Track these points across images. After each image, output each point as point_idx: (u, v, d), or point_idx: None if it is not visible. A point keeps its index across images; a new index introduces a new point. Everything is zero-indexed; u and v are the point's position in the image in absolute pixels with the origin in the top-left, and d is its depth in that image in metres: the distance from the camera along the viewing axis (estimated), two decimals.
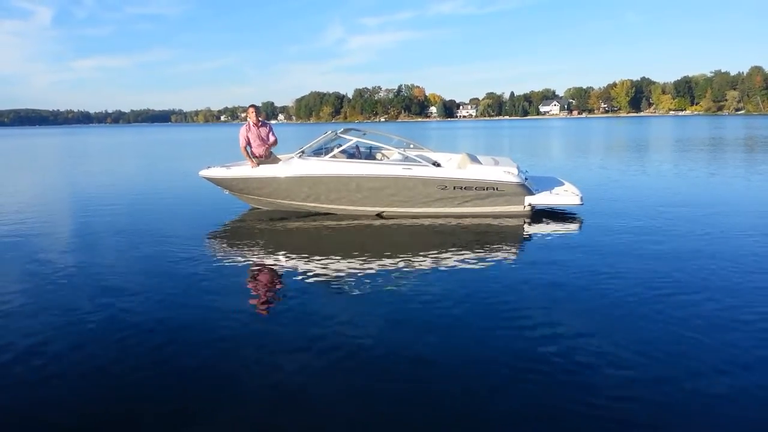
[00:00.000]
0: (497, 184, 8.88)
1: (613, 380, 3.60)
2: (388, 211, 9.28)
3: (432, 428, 3.14)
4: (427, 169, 9.01)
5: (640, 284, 5.49)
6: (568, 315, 4.75)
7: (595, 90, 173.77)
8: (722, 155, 21.79)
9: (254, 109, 9.78)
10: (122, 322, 4.73)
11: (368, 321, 4.69)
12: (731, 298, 5.11)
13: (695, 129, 50.86)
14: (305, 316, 4.80)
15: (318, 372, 3.78)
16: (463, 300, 5.16)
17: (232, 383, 3.65)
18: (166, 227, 8.90)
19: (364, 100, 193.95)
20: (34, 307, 5.17)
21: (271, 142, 9.79)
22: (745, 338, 4.23)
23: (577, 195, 9.16)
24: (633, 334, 4.31)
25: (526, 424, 3.17)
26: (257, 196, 9.70)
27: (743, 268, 6.06)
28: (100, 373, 3.82)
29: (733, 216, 9.03)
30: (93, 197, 12.89)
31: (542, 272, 6.00)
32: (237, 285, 5.86)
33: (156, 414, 3.30)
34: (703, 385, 3.53)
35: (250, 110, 9.77)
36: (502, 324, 4.58)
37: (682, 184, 13.36)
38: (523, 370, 3.75)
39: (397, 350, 4.08)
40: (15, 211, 10.72)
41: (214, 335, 4.42)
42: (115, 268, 6.51)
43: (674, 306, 4.90)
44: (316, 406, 3.37)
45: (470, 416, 3.23)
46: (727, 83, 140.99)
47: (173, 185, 14.82)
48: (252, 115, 9.67)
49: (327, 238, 8.18)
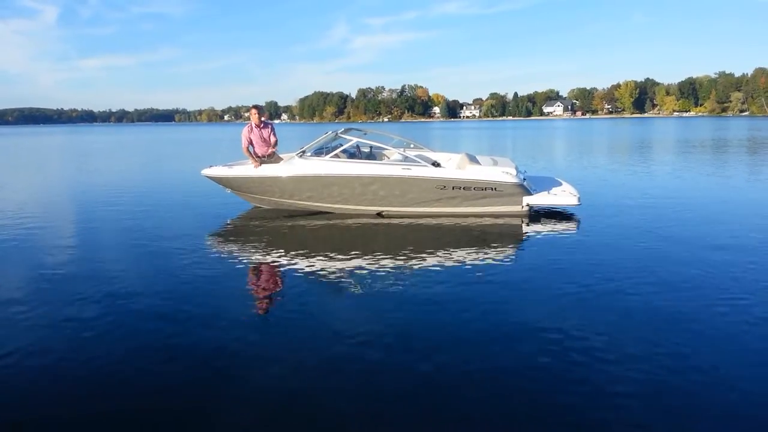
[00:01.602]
0: (496, 184, 8.97)
1: (615, 379, 3.63)
2: (387, 211, 9.38)
3: (432, 427, 3.16)
4: (427, 169, 9.10)
5: (637, 283, 5.56)
6: (566, 313, 4.81)
7: (599, 91, 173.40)
8: (723, 156, 21.80)
9: (256, 110, 9.84)
10: (124, 320, 4.76)
11: (368, 320, 4.73)
12: (732, 295, 5.17)
13: (698, 130, 50.75)
14: (306, 316, 4.84)
15: (319, 371, 3.80)
16: (463, 299, 5.21)
17: (235, 382, 3.68)
18: (169, 226, 9.01)
19: (368, 100, 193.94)
20: (36, 303, 5.24)
21: (272, 143, 9.88)
22: (749, 336, 4.28)
23: (575, 195, 9.24)
24: (632, 333, 4.36)
25: (527, 422, 3.20)
26: (259, 195, 9.81)
27: (743, 266, 6.13)
28: (103, 372, 3.84)
29: (732, 215, 9.09)
30: (97, 196, 13.03)
31: (540, 271, 6.08)
32: (238, 284, 5.91)
33: (158, 412, 3.33)
34: (706, 384, 3.57)
35: (253, 111, 9.85)
36: (502, 323, 4.63)
37: (680, 184, 13.42)
38: (523, 369, 3.79)
39: (397, 350, 4.12)
40: (20, 210, 10.87)
41: (216, 334, 4.44)
42: (117, 266, 6.59)
43: (673, 304, 4.96)
44: (317, 405, 3.39)
45: (470, 415, 3.26)
46: (731, 85, 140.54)
47: (177, 184, 14.94)
48: (254, 116, 9.75)
49: (327, 237, 8.27)
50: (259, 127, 9.74)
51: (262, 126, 9.78)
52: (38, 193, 14.15)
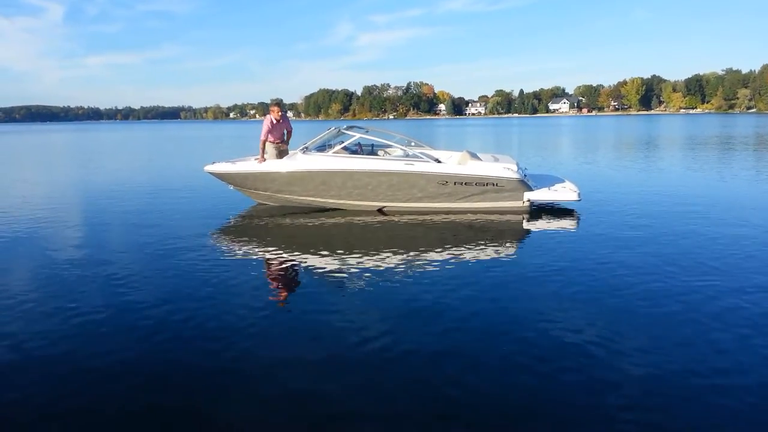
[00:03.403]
0: (497, 180, 9.03)
1: (615, 375, 3.66)
2: (389, 206, 9.45)
3: (436, 423, 3.20)
4: (429, 165, 9.17)
5: (638, 279, 5.59)
6: (567, 309, 4.84)
7: (605, 88, 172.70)
8: (726, 154, 21.68)
9: (279, 107, 10.29)
10: (128, 319, 4.78)
11: (371, 319, 4.76)
12: (733, 292, 5.18)
13: (704, 127, 50.46)
14: (308, 314, 4.87)
15: (322, 367, 3.84)
16: (466, 295, 5.24)
17: (239, 379, 3.71)
18: (174, 224, 9.09)
19: (373, 97, 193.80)
20: (41, 300, 5.28)
21: (287, 135, 10.39)
22: (750, 333, 4.28)
23: (575, 191, 9.29)
24: (633, 329, 4.38)
25: (527, 418, 3.23)
26: (260, 191, 9.90)
27: (746, 261, 6.19)
28: (108, 368, 3.88)
29: (734, 211, 9.08)
30: (103, 193, 13.16)
31: (542, 267, 6.11)
32: (241, 282, 5.85)
33: (162, 410, 3.37)
34: (706, 382, 3.59)
35: (275, 108, 10.22)
36: (505, 319, 4.64)
37: (681, 181, 13.44)
38: (528, 366, 3.82)
39: (400, 346, 4.15)
40: (27, 205, 11.03)
41: (220, 331, 4.47)
42: (121, 264, 6.55)
43: (674, 299, 5.00)
44: (321, 403, 3.41)
45: (472, 411, 3.29)
46: (738, 81, 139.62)
47: (182, 181, 15.03)
48: (276, 113, 10.09)
49: (328, 234, 8.32)
50: (279, 121, 10.09)
51: (281, 120, 10.19)
52: (47, 188, 14.28)
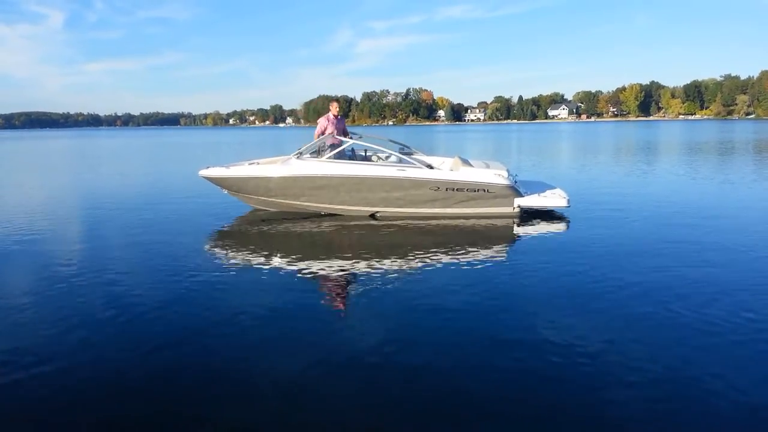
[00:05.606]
0: (487, 186, 9.15)
1: (608, 378, 3.72)
2: (381, 212, 9.57)
3: (432, 425, 3.24)
4: (421, 171, 9.30)
5: (626, 283, 5.69)
6: (556, 313, 4.92)
7: (604, 94, 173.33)
8: (721, 159, 21.79)
9: (338, 104, 10.69)
10: (123, 323, 4.83)
11: (366, 323, 4.82)
12: (723, 295, 5.28)
13: (701, 133, 50.62)
14: (302, 319, 4.90)
15: (318, 373, 3.88)
16: (457, 300, 5.30)
17: (237, 384, 3.73)
18: (170, 229, 9.18)
19: (372, 103, 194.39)
20: (38, 305, 5.35)
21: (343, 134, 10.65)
22: (742, 337, 4.35)
23: (564, 198, 9.42)
24: (624, 333, 4.44)
25: (522, 423, 3.27)
26: (254, 195, 10.01)
27: (738, 265, 6.34)
28: (110, 373, 3.92)
29: (726, 216, 9.20)
30: (101, 199, 13.29)
31: (533, 272, 6.20)
32: (237, 288, 5.85)
33: (160, 414, 3.40)
34: (701, 385, 3.62)
35: (334, 104, 10.69)
36: (496, 323, 4.73)
37: (672, 186, 13.56)
38: (520, 369, 3.87)
39: (395, 351, 4.19)
40: (25, 212, 11.15)
41: (216, 338, 4.51)
42: (116, 270, 6.56)
43: (662, 304, 5.07)
44: (318, 406, 3.45)
45: (465, 416, 3.32)
46: (737, 87, 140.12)
47: (180, 187, 15.14)
48: (335, 109, 10.54)
49: (322, 239, 8.36)
50: (336, 117, 10.46)
51: (338, 118, 10.53)
52: (47, 194, 14.38)
